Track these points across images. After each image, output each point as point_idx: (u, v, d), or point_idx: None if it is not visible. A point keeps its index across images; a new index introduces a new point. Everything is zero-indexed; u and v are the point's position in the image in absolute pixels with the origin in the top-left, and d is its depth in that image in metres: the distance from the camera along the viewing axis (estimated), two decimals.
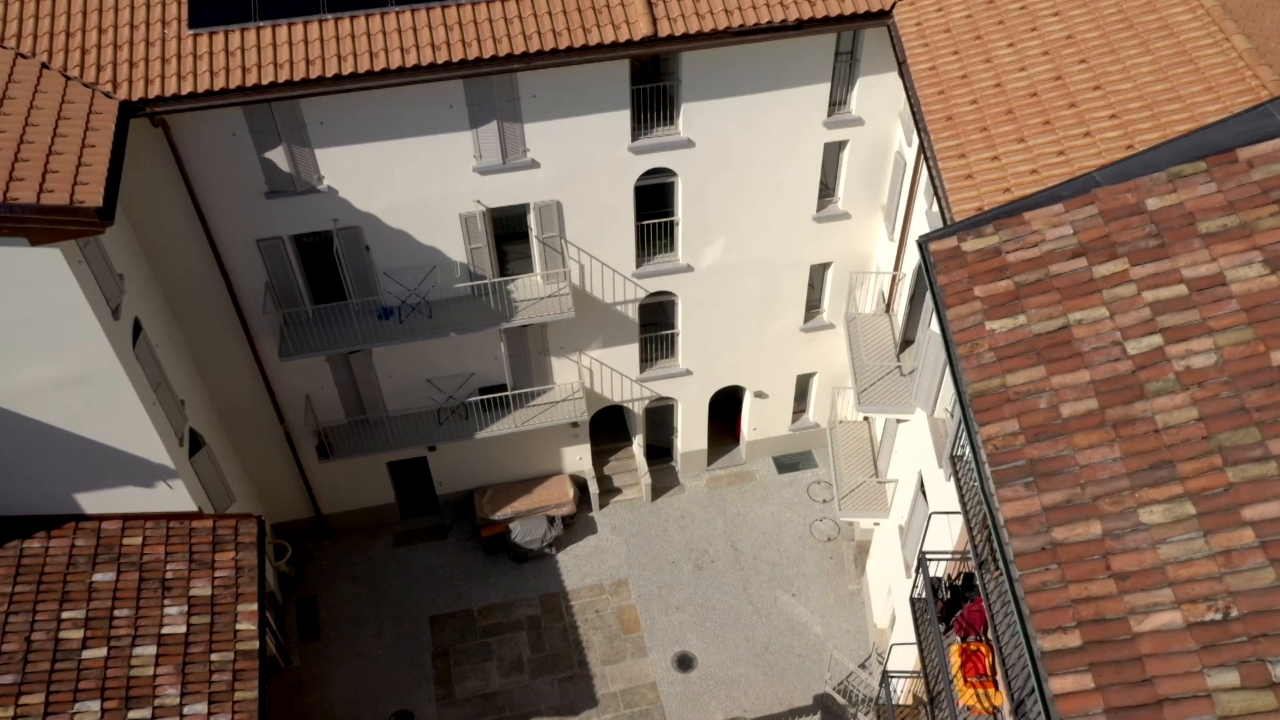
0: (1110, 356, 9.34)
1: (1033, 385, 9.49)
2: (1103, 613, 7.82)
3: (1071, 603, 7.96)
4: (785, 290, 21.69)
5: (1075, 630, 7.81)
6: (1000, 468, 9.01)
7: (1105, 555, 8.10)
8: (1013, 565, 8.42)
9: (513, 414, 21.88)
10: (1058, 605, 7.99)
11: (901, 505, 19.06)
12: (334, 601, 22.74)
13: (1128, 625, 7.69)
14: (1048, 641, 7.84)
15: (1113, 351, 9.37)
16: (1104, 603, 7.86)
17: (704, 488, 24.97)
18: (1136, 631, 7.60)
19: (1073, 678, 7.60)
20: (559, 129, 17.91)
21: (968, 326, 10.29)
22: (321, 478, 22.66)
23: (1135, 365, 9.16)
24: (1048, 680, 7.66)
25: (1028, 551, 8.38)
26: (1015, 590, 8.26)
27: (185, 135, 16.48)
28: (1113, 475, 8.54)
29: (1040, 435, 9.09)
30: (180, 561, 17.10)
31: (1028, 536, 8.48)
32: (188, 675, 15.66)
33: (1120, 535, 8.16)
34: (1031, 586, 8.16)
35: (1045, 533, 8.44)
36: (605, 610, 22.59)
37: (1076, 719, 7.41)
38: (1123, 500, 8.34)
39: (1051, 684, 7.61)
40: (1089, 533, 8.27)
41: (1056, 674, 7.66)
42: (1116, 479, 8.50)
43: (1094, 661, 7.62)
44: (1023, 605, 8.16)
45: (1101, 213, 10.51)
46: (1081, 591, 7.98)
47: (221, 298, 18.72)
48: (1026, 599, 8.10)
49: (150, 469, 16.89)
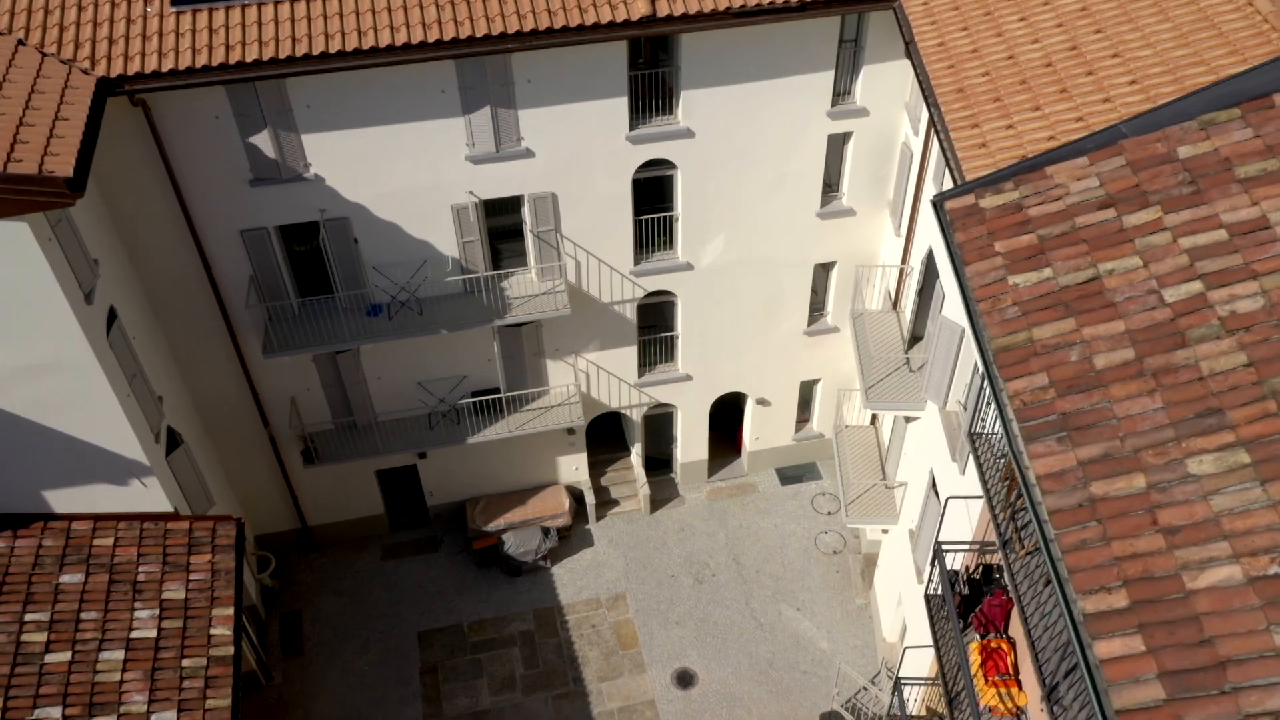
0: (1146, 305, 8.62)
1: (1062, 338, 8.76)
2: (1151, 570, 7.03)
3: (1115, 561, 7.18)
4: (788, 291, 21.01)
5: (1121, 590, 7.02)
6: (1030, 423, 8.26)
7: (1151, 509, 7.33)
8: (1048, 525, 7.64)
9: (506, 419, 21.10)
10: (1100, 564, 7.20)
11: (912, 509, 18.23)
12: (319, 616, 21.79)
13: (1180, 583, 6.90)
14: (1090, 603, 7.04)
15: (1148, 300, 8.66)
16: (1152, 559, 7.07)
17: (704, 500, 24.11)
18: (1190, 589, 6.81)
19: (1120, 641, 6.79)
20: (554, 116, 17.34)
21: (989, 282, 9.58)
22: (307, 486, 21.82)
23: (1174, 313, 8.44)
24: (1092, 645, 6.85)
25: (1064, 509, 7.61)
26: (1051, 551, 7.48)
27: (166, 117, 15.89)
28: (1155, 426, 7.78)
29: (1073, 388, 8.35)
30: (153, 564, 16.23)
31: (1063, 493, 7.70)
32: (156, 681, 14.73)
33: (1167, 488, 7.39)
34: (1070, 545, 7.37)
35: (1083, 488, 7.67)
36: (602, 625, 21.63)
37: (1126, 685, 6.59)
38: (1168, 451, 7.58)
39: (1097, 648, 6.80)
40: (1132, 486, 7.50)
41: (1102, 637, 6.86)
42: (1160, 430, 7.74)
43: (1144, 622, 6.82)
44: (1060, 566, 7.37)
45: (1130, 163, 9.84)
46: (1126, 548, 7.19)
47: (203, 291, 18.03)
48: (1065, 559, 7.31)
49: (123, 466, 16.08)
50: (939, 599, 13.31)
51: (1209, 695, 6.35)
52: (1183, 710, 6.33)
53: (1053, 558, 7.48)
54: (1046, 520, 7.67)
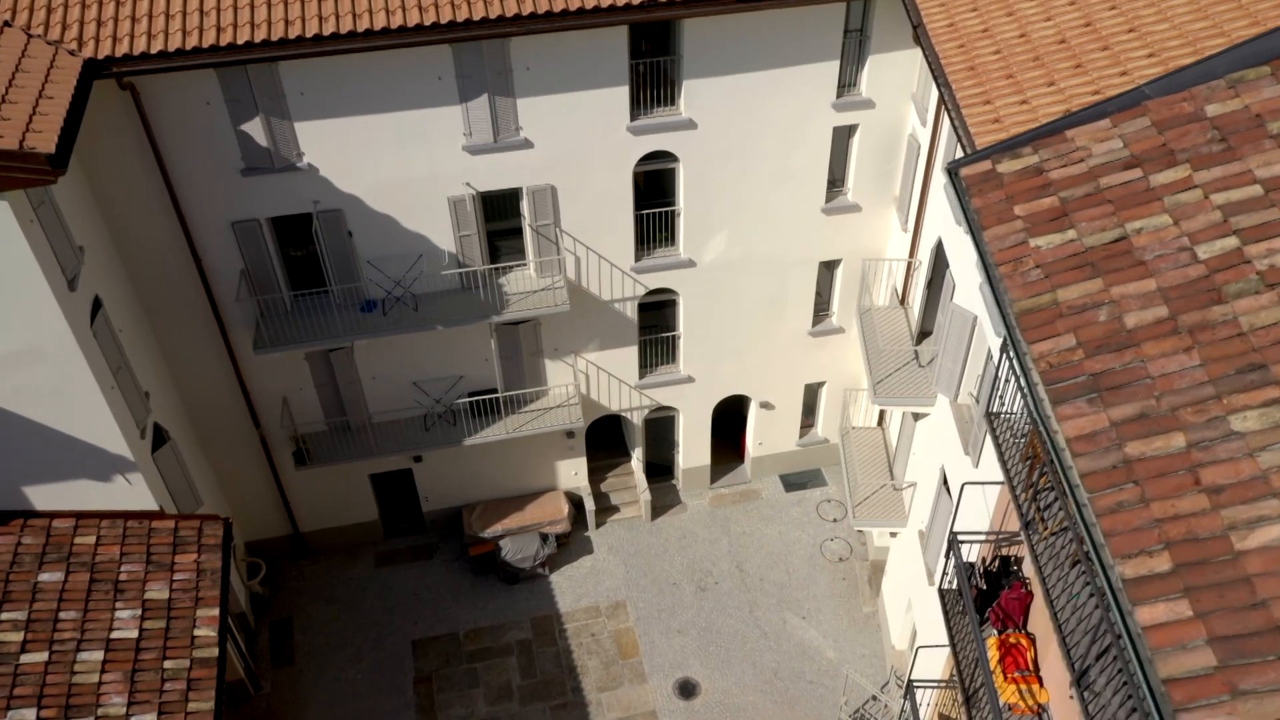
0: (1179, 263, 8.15)
1: (1090, 298, 8.28)
2: (1195, 531, 6.51)
3: (1156, 523, 6.66)
4: (792, 289, 20.55)
5: (1163, 553, 6.50)
6: (1057, 385, 7.76)
7: (1193, 469, 6.82)
8: (1079, 489, 7.12)
9: (504, 420, 20.57)
10: (1139, 527, 6.68)
11: (921, 509, 17.67)
12: (310, 624, 21.15)
13: (1228, 543, 6.38)
14: (1129, 568, 6.52)
15: (1181, 258, 8.19)
16: (1196, 520, 6.56)
17: (707, 507, 23.53)
18: (1240, 549, 6.28)
19: (1164, 606, 6.26)
20: (554, 106, 16.95)
21: (1009, 245, 9.12)
22: (299, 490, 21.25)
23: (1209, 269, 7.97)
24: (1133, 612, 6.32)
25: (1097, 470, 7.10)
26: (1085, 516, 6.96)
27: (156, 103, 15.50)
28: (1193, 384, 7.29)
29: (1102, 348, 7.86)
30: (136, 563, 15.64)
31: (1096, 455, 7.19)
32: (137, 683, 14.11)
33: (1209, 446, 6.88)
34: (1105, 508, 6.86)
35: (1117, 449, 7.16)
36: (601, 634, 20.99)
37: (1173, 652, 6.06)
38: (1208, 409, 7.08)
39: (1139, 615, 6.27)
40: (1170, 446, 7.00)
41: (1144, 603, 6.33)
42: (1198, 387, 7.25)
43: (1190, 586, 6.30)
44: (1095, 531, 6.85)
45: (1155, 123, 9.41)
46: (1167, 510, 6.68)
47: (193, 284, 17.56)
48: (1100, 522, 6.79)
49: (107, 461, 15.54)
50: (954, 593, 12.74)
51: (1265, 661, 5.82)
52: (1237, 677, 5.80)
53: (1086, 523, 6.96)
54: (1078, 484, 7.15)
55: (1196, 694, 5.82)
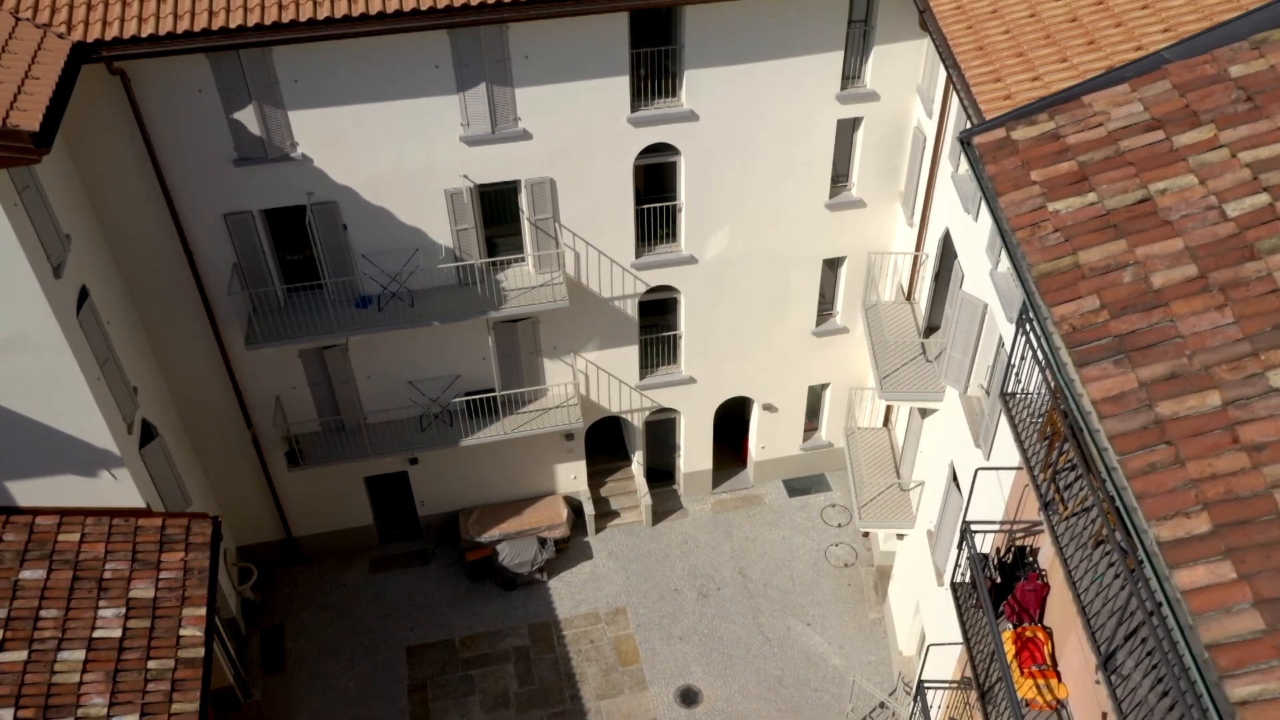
0: (1207, 221, 7.77)
1: (1113, 259, 7.89)
2: (1235, 490, 6.10)
3: (1192, 483, 6.24)
4: (796, 288, 20.17)
5: (1201, 513, 6.08)
6: (1081, 347, 7.36)
7: (1231, 427, 6.41)
8: (1109, 452, 6.71)
9: (501, 421, 20.13)
10: (1174, 488, 6.27)
11: (930, 509, 17.21)
12: (302, 630, 20.64)
13: (1272, 502, 5.96)
14: (1165, 530, 6.09)
15: (1209, 216, 7.80)
16: (1236, 479, 6.14)
17: (709, 512, 23.06)
18: None
19: (1204, 568, 5.84)
20: (553, 96, 16.64)
21: (1026, 210, 8.73)
22: (292, 493, 20.79)
23: (1239, 226, 7.58)
24: (1171, 575, 5.89)
25: (1127, 432, 6.68)
26: (1116, 480, 6.54)
27: (147, 90, 15.18)
28: (1227, 341, 6.89)
29: (1128, 309, 7.46)
30: (121, 561, 15.16)
31: (1124, 416, 6.78)
32: (119, 683, 13.61)
33: (1246, 403, 6.47)
34: (1137, 470, 6.44)
35: (1147, 409, 6.75)
36: (601, 640, 20.47)
37: (1216, 616, 5.63)
38: (1244, 366, 6.68)
39: (1178, 578, 5.85)
40: (1205, 404, 6.59)
41: (1182, 566, 5.91)
42: (1233, 344, 6.85)
43: (1232, 547, 5.87)
44: (1127, 495, 6.43)
45: (1176, 86, 9.04)
46: (1204, 469, 6.27)
47: (184, 277, 17.19)
48: (1132, 484, 6.38)
49: (92, 456, 15.12)
50: (967, 586, 12.27)
51: None
52: None
53: (1117, 487, 6.54)
54: (1107, 447, 6.74)
55: (1244, 659, 5.39)
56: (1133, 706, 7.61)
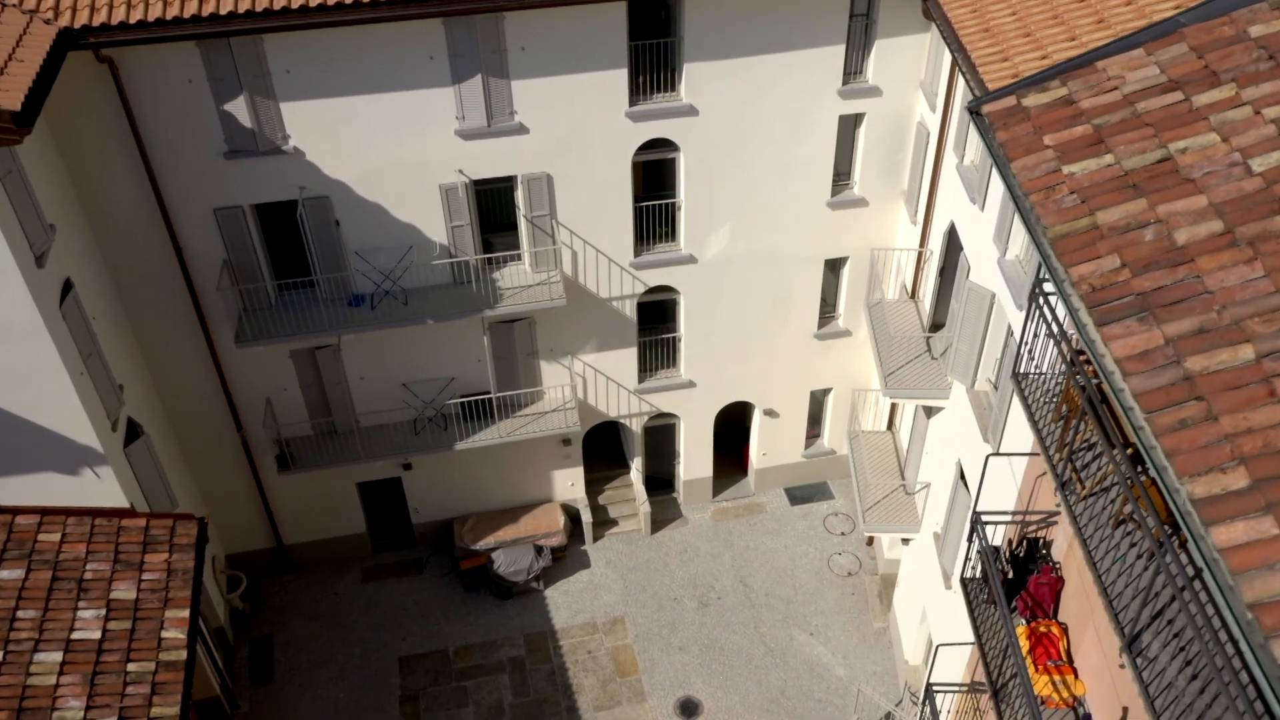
0: (1231, 178, 7.41)
1: (1133, 218, 7.52)
2: (1274, 444, 5.69)
3: (1226, 438, 5.84)
4: (797, 289, 19.81)
5: (1238, 468, 5.68)
6: (1103, 306, 6.97)
7: (1267, 379, 6.01)
8: (1135, 411, 6.30)
9: (497, 424, 19.70)
10: (1207, 444, 5.86)
11: (936, 511, 16.76)
12: (291, 640, 20.09)
13: None
14: (1199, 486, 5.68)
15: (1233, 172, 7.45)
16: (1275, 432, 5.74)
17: (709, 520, 22.57)
18: None
19: (1244, 524, 5.42)
20: (550, 89, 16.36)
21: (1039, 174, 8.38)
22: (283, 500, 20.32)
23: (1266, 181, 7.23)
24: (1208, 534, 5.47)
25: (1154, 389, 6.29)
26: (1144, 439, 6.13)
27: (135, 79, 14.89)
28: (1259, 294, 6.51)
29: (1151, 266, 7.09)
30: (103, 561, 14.67)
31: (1151, 373, 6.39)
32: (97, 686, 13.09)
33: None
34: (1166, 427, 6.04)
35: (1175, 365, 6.36)
36: (598, 651, 19.93)
37: (1258, 574, 5.20)
38: (1278, 318, 6.29)
39: (1215, 536, 5.43)
40: (1238, 358, 6.20)
41: (1219, 523, 5.49)
42: (1265, 297, 6.47)
43: (1273, 502, 5.46)
44: (1157, 454, 6.03)
45: (1193, 48, 8.73)
46: (1239, 424, 5.86)
47: (172, 273, 16.83)
48: (1162, 442, 5.97)
49: (75, 452, 14.69)
50: (978, 581, 11.81)
51: None
52: None
53: (1145, 446, 6.13)
54: (1133, 406, 6.34)
55: None
56: (1160, 690, 7.16)
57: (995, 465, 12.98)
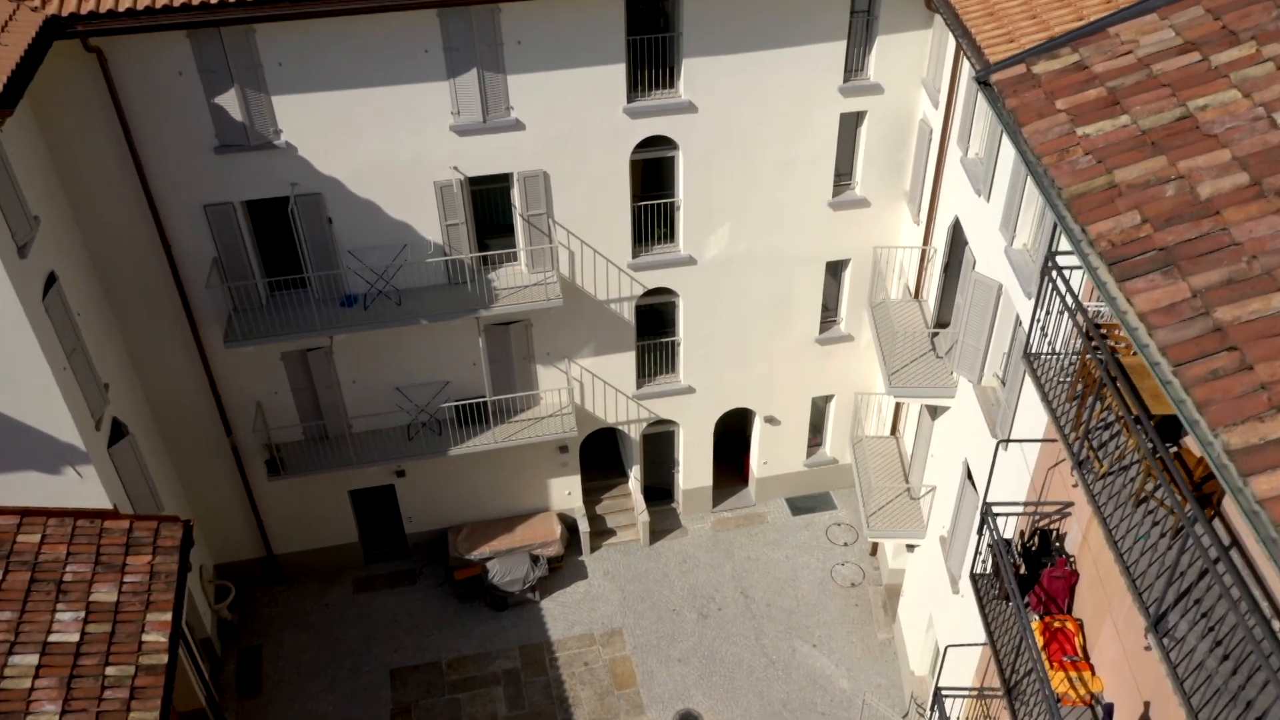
0: (1255, 131, 7.10)
1: (1153, 175, 7.19)
2: None
3: (1262, 387, 5.47)
4: (798, 292, 19.47)
5: (1276, 416, 5.30)
6: (1123, 261, 6.62)
7: None
8: (1160, 366, 5.93)
9: (493, 429, 19.28)
10: (1242, 394, 5.49)
11: (942, 514, 16.32)
12: (280, 652, 19.57)
13: None
14: (1236, 437, 5.31)
15: (1257, 126, 7.13)
16: None
17: (709, 530, 22.10)
18: None
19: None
20: (546, 84, 16.10)
21: (1052, 137, 8.06)
22: (273, 507, 19.86)
23: None
24: (1247, 485, 5.09)
25: (1183, 340, 5.92)
26: (1173, 392, 5.76)
27: (124, 71, 14.62)
28: None
29: (1174, 220, 6.75)
30: (83, 563, 14.21)
31: (1178, 326, 6.03)
32: (73, 690, 12.59)
33: None
34: (1197, 378, 5.67)
35: (1204, 316, 6.00)
36: (595, 663, 19.40)
37: None
38: None
39: (1255, 486, 5.05)
40: (1272, 306, 5.84)
41: (1259, 473, 5.11)
42: None
43: None
44: (1187, 407, 5.65)
45: (1209, 10, 8.45)
46: (1275, 372, 5.49)
47: (161, 271, 16.49)
48: (1194, 393, 5.60)
49: (56, 450, 14.29)
50: (989, 577, 11.37)
51: None
52: None
53: (1175, 399, 5.76)
54: (1160, 361, 5.96)
55: None
56: (1189, 671, 6.73)
57: (1004, 459, 12.58)
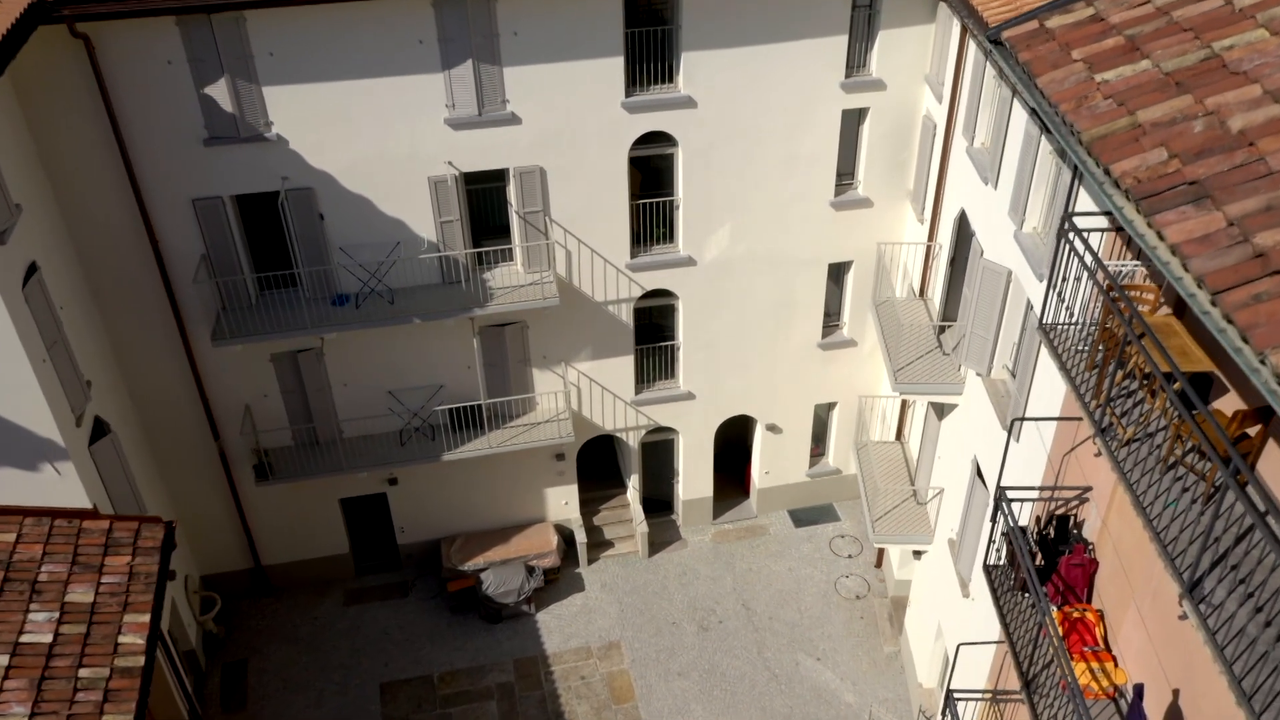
0: None
1: (1179, 113, 6.82)
2: None
3: None
4: (800, 295, 19.08)
5: None
6: (1153, 196, 6.22)
7: None
8: (1198, 296, 5.52)
9: (488, 435, 18.80)
10: None
11: (950, 518, 15.80)
12: (267, 666, 18.94)
13: None
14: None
15: None
16: None
17: (709, 542, 21.53)
18: None
19: None
20: (543, 76, 15.82)
21: (1069, 85, 7.70)
22: (262, 515, 19.32)
23: None
24: None
25: (1220, 268, 5.51)
26: (1213, 322, 5.34)
27: (112, 59, 14.33)
28: None
29: (1205, 154, 6.36)
30: (59, 563, 13.68)
31: (1214, 254, 5.62)
32: (44, 692, 12.02)
33: None
34: (1238, 303, 5.25)
35: (1242, 243, 5.60)
36: (592, 677, 18.77)
37: None
38: None
39: None
40: None
41: None
42: None
43: None
44: (1229, 335, 5.23)
45: None
46: None
47: (147, 267, 16.11)
48: (1237, 318, 5.18)
49: (34, 445, 13.81)
50: (1002, 569, 10.84)
51: None
52: None
53: (1215, 329, 5.33)
54: (1195, 293, 5.54)
55: None
56: (1229, 638, 6.24)
57: (1016, 450, 12.11)
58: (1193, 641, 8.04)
